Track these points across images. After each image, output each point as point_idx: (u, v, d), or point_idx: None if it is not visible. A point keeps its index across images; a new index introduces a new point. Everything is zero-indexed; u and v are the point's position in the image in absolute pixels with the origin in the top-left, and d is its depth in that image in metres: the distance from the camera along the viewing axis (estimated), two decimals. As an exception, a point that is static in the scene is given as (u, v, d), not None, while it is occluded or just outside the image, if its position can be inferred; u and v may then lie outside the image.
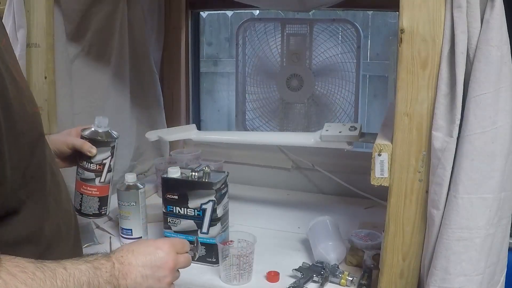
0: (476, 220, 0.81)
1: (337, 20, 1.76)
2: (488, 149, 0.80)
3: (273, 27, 1.80)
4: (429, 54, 0.82)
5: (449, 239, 0.82)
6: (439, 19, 0.81)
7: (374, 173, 0.90)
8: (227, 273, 1.11)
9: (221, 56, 2.64)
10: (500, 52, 0.78)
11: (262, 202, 1.64)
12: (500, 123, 0.80)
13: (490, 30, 0.78)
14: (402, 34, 0.82)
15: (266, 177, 1.79)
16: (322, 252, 1.16)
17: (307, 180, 1.74)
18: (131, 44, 1.64)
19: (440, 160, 0.82)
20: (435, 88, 0.82)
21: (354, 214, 1.49)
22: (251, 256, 1.11)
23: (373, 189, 0.92)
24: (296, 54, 1.76)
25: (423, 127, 0.84)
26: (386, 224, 0.91)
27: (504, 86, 0.79)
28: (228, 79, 2.60)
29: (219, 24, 2.61)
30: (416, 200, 0.88)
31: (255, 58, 1.83)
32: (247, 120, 1.89)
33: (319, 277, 1.09)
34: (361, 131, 1.28)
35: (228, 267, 1.10)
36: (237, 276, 1.10)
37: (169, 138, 1.53)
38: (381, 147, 0.88)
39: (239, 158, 1.81)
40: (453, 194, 0.81)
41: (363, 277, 1.09)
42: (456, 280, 0.82)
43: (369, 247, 1.15)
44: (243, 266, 1.10)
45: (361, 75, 1.74)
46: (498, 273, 0.88)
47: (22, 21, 1.17)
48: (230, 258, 1.10)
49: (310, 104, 1.79)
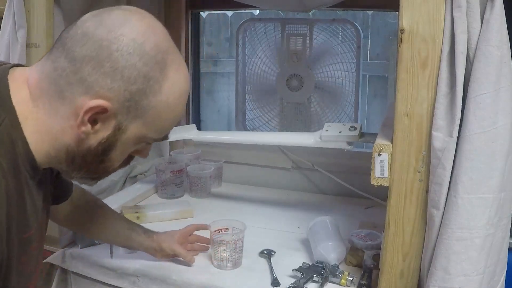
0: (476, 220, 0.81)
1: (337, 20, 1.76)
2: (488, 149, 0.80)
3: (273, 27, 1.80)
4: (429, 54, 0.82)
5: (449, 239, 0.82)
6: (439, 19, 0.81)
7: (374, 173, 0.90)
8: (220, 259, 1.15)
9: (221, 56, 2.64)
10: (500, 52, 0.78)
11: (262, 202, 1.64)
12: (500, 123, 0.80)
13: (490, 30, 0.78)
14: (402, 34, 0.82)
15: (266, 177, 1.79)
16: (322, 252, 1.16)
17: (307, 180, 1.74)
18: (131, 44, 1.63)
19: (440, 160, 0.82)
20: (435, 88, 0.82)
21: (354, 214, 1.49)
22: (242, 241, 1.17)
23: (373, 189, 0.92)
24: (296, 54, 1.76)
25: (423, 127, 0.84)
26: (386, 224, 0.91)
27: (504, 86, 0.80)
28: (228, 79, 2.59)
29: (219, 24, 2.61)
30: (416, 200, 0.88)
31: (255, 58, 1.83)
32: (247, 120, 1.89)
33: (319, 277, 1.09)
34: (361, 131, 1.28)
35: (222, 253, 1.15)
36: (231, 262, 1.15)
37: (169, 138, 1.52)
38: (381, 147, 0.88)
39: (239, 158, 1.81)
40: (453, 194, 0.81)
41: (363, 277, 1.09)
42: (456, 280, 0.82)
43: (369, 247, 1.15)
44: (237, 251, 1.15)
45: (361, 75, 1.74)
46: (498, 273, 0.88)
47: (22, 21, 1.16)
48: (224, 244, 1.14)
49: (310, 104, 1.79)
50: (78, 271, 1.22)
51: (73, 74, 0.66)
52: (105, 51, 0.66)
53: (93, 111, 0.66)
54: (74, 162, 0.72)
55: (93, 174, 0.77)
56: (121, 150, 0.73)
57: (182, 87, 0.72)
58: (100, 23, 0.67)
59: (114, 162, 0.75)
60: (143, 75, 0.67)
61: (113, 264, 1.18)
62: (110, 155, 0.73)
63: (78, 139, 0.69)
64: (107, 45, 0.66)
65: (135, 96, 0.67)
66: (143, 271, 1.15)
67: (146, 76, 0.67)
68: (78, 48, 0.66)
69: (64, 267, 1.24)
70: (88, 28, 0.67)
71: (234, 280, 1.11)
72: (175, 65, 0.71)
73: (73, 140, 0.70)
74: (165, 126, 0.75)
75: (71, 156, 0.71)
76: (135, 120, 0.69)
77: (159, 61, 0.68)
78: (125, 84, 0.66)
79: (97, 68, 0.66)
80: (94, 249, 1.23)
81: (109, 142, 0.70)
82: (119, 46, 0.66)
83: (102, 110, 0.67)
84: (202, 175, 1.64)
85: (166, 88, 0.69)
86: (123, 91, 0.67)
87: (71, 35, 0.68)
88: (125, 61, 0.66)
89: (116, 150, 0.72)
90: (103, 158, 0.73)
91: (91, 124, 0.68)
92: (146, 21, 0.70)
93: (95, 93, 0.66)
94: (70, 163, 0.73)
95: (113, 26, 0.67)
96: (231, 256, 1.15)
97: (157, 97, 0.69)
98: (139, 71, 0.67)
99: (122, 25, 0.67)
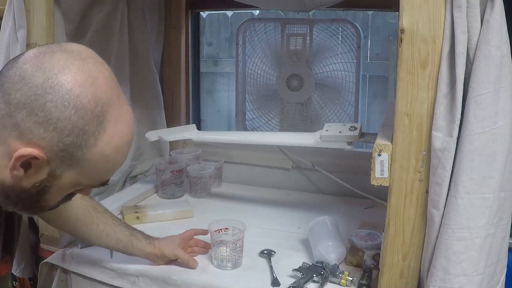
0: (476, 220, 0.81)
1: (337, 20, 1.76)
2: (488, 149, 0.80)
3: (273, 27, 1.80)
4: (429, 54, 0.82)
5: (449, 239, 0.82)
6: (439, 19, 0.81)
7: (374, 173, 0.90)
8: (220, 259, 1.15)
9: (221, 56, 2.64)
10: (500, 52, 0.78)
11: (262, 202, 1.64)
12: (500, 123, 0.80)
13: (490, 30, 0.78)
14: (402, 34, 0.82)
15: (266, 177, 1.79)
16: (322, 252, 1.16)
17: (307, 180, 1.74)
18: (131, 44, 1.64)
19: (440, 160, 0.82)
20: (435, 88, 0.82)
21: (354, 214, 1.49)
22: (242, 241, 1.16)
23: (373, 189, 0.92)
24: (296, 54, 1.76)
25: (423, 127, 0.84)
26: (386, 224, 0.91)
27: (504, 86, 0.79)
28: (228, 79, 2.59)
29: (219, 24, 2.61)
30: (416, 200, 0.88)
31: (255, 58, 1.83)
32: (247, 120, 1.89)
33: (319, 277, 1.09)
34: (361, 131, 1.28)
35: (222, 253, 1.15)
36: (231, 262, 1.15)
37: (169, 138, 1.53)
38: (381, 147, 0.88)
39: (239, 158, 1.81)
40: (453, 194, 0.81)
41: (363, 277, 1.09)
42: (456, 280, 0.82)
43: (369, 247, 1.15)
44: (238, 251, 1.15)
45: (361, 75, 1.74)
46: (498, 273, 0.88)
47: (22, 21, 1.16)
48: (224, 244, 1.14)
49: (310, 104, 1.79)
50: (78, 271, 1.22)
51: (8, 117, 0.64)
52: (39, 100, 0.63)
53: (24, 159, 0.65)
54: (9, 198, 0.71)
55: (30, 210, 0.78)
56: (56, 193, 0.72)
57: (122, 139, 0.70)
58: (38, 67, 0.64)
59: (50, 202, 0.74)
60: (78, 129, 0.65)
61: (113, 264, 1.18)
62: (45, 197, 0.72)
63: (12, 179, 0.68)
64: (41, 94, 0.63)
65: (69, 148, 0.65)
66: (143, 271, 1.15)
67: (81, 130, 0.65)
68: (13, 92, 0.64)
69: (64, 267, 1.24)
70: (26, 71, 0.65)
71: (234, 280, 1.11)
72: (115, 117, 0.68)
73: (7, 179, 0.68)
74: (102, 176, 0.73)
75: (5, 192, 0.70)
76: (69, 168, 0.68)
77: (97, 114, 0.66)
78: (58, 136, 0.64)
79: (31, 116, 0.63)
80: (94, 249, 1.23)
81: (43, 186, 0.69)
82: (53, 97, 0.63)
83: (33, 158, 0.65)
84: (202, 175, 1.64)
85: (103, 141, 0.67)
86: (57, 142, 0.65)
87: (10, 76, 0.65)
88: (59, 113, 0.63)
89: (51, 193, 0.71)
90: (38, 199, 0.72)
91: (23, 169, 0.66)
92: (88, 68, 0.66)
93: (28, 140, 0.64)
94: (5, 199, 0.72)
95: (51, 72, 0.64)
96: (231, 256, 1.15)
97: (92, 150, 0.67)
98: (73, 125, 0.64)
99: (60, 72, 0.64)
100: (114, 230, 1.13)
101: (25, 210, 0.77)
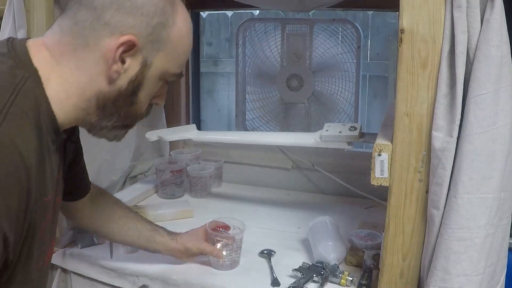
0: (476, 220, 0.81)
1: (337, 20, 1.76)
2: (488, 149, 0.80)
3: (273, 27, 1.80)
4: (429, 54, 0.82)
5: (449, 239, 0.82)
6: (439, 19, 0.81)
7: (374, 173, 0.90)
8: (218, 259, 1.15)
9: (221, 56, 2.64)
10: (500, 52, 0.78)
11: (262, 202, 1.64)
12: (500, 123, 0.80)
13: (490, 30, 0.78)
14: (402, 34, 0.82)
15: (266, 177, 1.79)
16: (322, 252, 1.16)
17: (307, 180, 1.74)
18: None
19: (440, 160, 0.82)
20: (435, 88, 0.82)
21: (354, 214, 1.49)
22: (241, 241, 1.17)
23: (373, 189, 0.92)
24: (296, 54, 1.76)
25: (423, 127, 0.84)
26: (386, 224, 0.91)
27: (504, 86, 0.79)
28: (228, 79, 2.60)
29: (219, 24, 2.61)
30: (416, 200, 0.88)
31: (255, 58, 1.83)
32: (247, 120, 1.90)
33: (319, 277, 1.09)
34: (361, 131, 1.28)
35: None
36: (228, 261, 1.15)
37: (169, 138, 1.53)
38: (381, 147, 0.88)
39: (239, 158, 1.81)
40: (453, 194, 0.81)
41: (363, 277, 1.09)
42: (456, 280, 0.82)
43: (369, 247, 1.15)
44: (236, 250, 1.15)
45: (361, 75, 1.74)
46: (498, 273, 0.88)
47: (22, 21, 1.16)
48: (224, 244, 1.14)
49: (310, 104, 1.79)
50: (78, 271, 1.22)
51: (96, 21, 0.72)
52: None
53: (124, 47, 0.72)
54: (105, 108, 0.77)
55: (124, 120, 0.82)
56: (147, 90, 0.79)
57: (189, 20, 0.81)
58: None
59: (142, 104, 0.81)
60: (160, 9, 0.74)
61: (113, 264, 1.18)
62: (138, 95, 0.79)
63: (109, 82, 0.75)
64: None
65: (156, 30, 0.74)
66: (143, 271, 1.15)
67: (162, 10, 0.74)
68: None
69: (64, 267, 1.24)
70: None
71: (234, 280, 1.11)
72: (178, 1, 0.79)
73: (104, 85, 0.75)
74: (181, 59, 0.81)
75: (102, 103, 0.76)
76: (157, 53, 0.76)
77: None
78: (146, 19, 0.73)
79: (119, 9, 0.72)
80: (94, 249, 1.23)
81: (138, 80, 0.76)
82: None
83: (130, 47, 0.72)
84: (202, 175, 1.64)
85: (178, 21, 0.77)
86: (145, 26, 0.73)
87: None
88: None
89: (143, 90, 0.78)
90: (132, 100, 0.78)
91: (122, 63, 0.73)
92: None
93: (121, 33, 0.72)
94: (101, 111, 0.77)
95: None
96: (230, 256, 1.15)
97: (173, 29, 0.76)
98: (156, 6, 0.74)
99: None
100: (136, 224, 1.12)
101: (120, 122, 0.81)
